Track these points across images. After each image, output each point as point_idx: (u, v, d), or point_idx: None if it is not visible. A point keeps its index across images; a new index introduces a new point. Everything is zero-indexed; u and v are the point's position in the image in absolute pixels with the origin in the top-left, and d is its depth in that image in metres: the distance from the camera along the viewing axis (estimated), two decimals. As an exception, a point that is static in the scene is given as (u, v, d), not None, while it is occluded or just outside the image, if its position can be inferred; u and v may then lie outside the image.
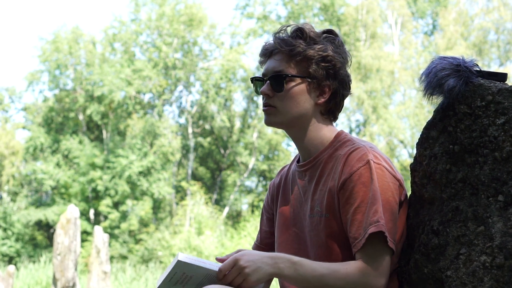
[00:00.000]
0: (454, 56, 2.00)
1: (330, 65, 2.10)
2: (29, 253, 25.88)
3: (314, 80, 2.10)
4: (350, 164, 2.01)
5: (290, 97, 2.10)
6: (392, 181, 2.00)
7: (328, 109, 2.14)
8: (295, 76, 2.09)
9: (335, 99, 2.13)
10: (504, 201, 1.83)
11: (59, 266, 10.69)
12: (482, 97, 1.92)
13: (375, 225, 1.93)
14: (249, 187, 31.76)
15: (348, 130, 30.65)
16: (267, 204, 2.35)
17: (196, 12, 29.75)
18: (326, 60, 2.09)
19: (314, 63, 2.09)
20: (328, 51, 2.10)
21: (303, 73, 2.10)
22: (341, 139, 2.12)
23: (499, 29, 28.94)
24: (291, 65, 2.10)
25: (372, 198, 1.96)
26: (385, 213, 1.95)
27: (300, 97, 2.10)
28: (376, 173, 1.98)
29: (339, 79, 2.12)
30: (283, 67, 2.10)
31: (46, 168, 28.10)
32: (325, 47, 2.10)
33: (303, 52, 2.08)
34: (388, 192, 1.98)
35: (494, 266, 1.81)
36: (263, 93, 2.12)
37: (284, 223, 2.23)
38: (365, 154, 2.01)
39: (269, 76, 2.12)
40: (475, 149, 1.91)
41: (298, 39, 2.10)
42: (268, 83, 2.12)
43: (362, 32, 30.28)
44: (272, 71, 2.12)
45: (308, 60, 2.09)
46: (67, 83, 30.63)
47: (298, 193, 2.19)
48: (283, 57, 2.11)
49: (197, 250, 20.33)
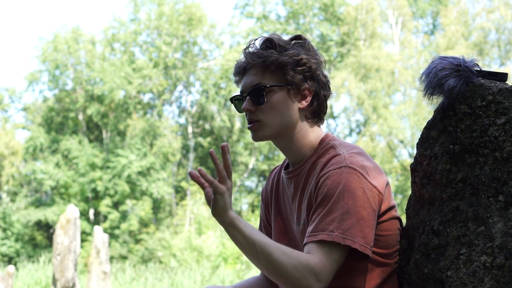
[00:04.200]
0: (455, 56, 2.00)
1: (306, 67, 2.09)
2: (29, 253, 25.89)
3: (293, 86, 2.08)
4: (324, 170, 2.01)
5: (273, 108, 2.08)
6: (369, 188, 1.97)
7: (313, 112, 2.12)
8: (273, 86, 2.07)
9: (318, 101, 2.12)
10: (505, 201, 1.83)
11: (59, 266, 10.68)
12: (483, 97, 1.92)
13: (328, 234, 1.92)
14: (249, 187, 31.80)
15: (348, 130, 30.66)
16: (263, 213, 2.35)
17: (196, 12, 29.76)
18: (300, 63, 2.08)
19: (290, 69, 2.07)
20: (301, 55, 2.08)
21: (281, 81, 2.08)
22: (325, 145, 2.11)
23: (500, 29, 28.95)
24: (267, 76, 2.08)
25: (335, 204, 1.94)
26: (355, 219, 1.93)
27: (283, 106, 2.08)
28: (348, 178, 1.96)
29: (317, 80, 2.11)
30: (259, 80, 2.08)
31: (46, 168, 28.12)
32: (297, 51, 2.09)
33: (276, 61, 2.06)
34: (363, 198, 1.96)
35: (495, 266, 1.80)
36: (245, 109, 2.10)
37: (280, 232, 2.22)
38: (340, 160, 2.00)
39: (248, 92, 2.10)
40: (475, 149, 1.91)
41: (268, 49, 2.09)
42: (248, 99, 2.10)
43: (362, 31, 30.28)
44: (249, 86, 2.10)
45: (282, 67, 2.07)
46: (67, 83, 30.66)
47: (288, 201, 2.19)
48: (258, 70, 2.09)
49: (198, 250, 20.34)
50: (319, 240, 1.92)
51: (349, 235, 1.91)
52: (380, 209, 2.02)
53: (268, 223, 2.33)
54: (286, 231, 2.21)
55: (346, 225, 1.92)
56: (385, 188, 2.04)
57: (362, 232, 1.93)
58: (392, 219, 2.07)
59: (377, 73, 28.33)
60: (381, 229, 2.05)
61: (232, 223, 1.88)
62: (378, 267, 2.06)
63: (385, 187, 2.04)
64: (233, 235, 1.89)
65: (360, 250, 1.92)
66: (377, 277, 2.06)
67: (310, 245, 1.94)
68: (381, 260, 2.07)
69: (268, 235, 2.32)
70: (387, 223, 2.06)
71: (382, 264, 2.07)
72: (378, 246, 2.05)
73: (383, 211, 2.04)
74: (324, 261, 1.91)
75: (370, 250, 1.95)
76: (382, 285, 2.07)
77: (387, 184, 2.06)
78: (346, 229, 1.92)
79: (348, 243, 1.91)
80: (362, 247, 1.92)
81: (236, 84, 2.19)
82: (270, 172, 2.35)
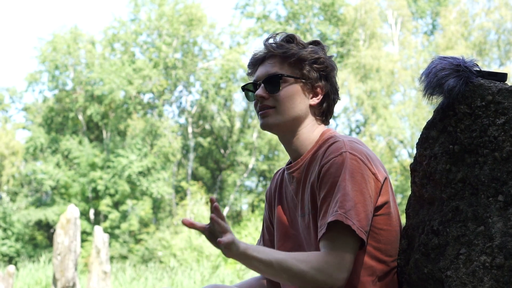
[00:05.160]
0: (454, 56, 2.00)
1: (323, 67, 2.14)
2: (29, 253, 25.88)
3: (308, 81, 2.14)
4: (325, 157, 2.04)
5: (287, 97, 2.12)
6: (368, 174, 2.00)
7: (322, 111, 2.17)
8: (290, 77, 2.12)
9: (328, 101, 2.17)
10: (504, 201, 1.83)
11: (59, 266, 10.68)
12: (482, 97, 1.92)
13: (333, 215, 1.94)
14: (249, 187, 31.77)
15: (348, 130, 30.65)
16: (267, 214, 2.36)
17: (196, 12, 29.74)
18: (318, 62, 2.14)
19: (308, 64, 2.13)
20: (320, 54, 2.15)
21: (297, 74, 2.13)
22: (325, 137, 2.14)
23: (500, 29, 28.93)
24: (285, 67, 2.13)
25: (338, 188, 1.97)
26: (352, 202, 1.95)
27: (296, 98, 2.13)
28: (349, 163, 1.99)
29: (331, 82, 2.17)
30: (277, 69, 2.13)
31: (46, 168, 28.10)
32: (316, 50, 2.15)
33: (297, 54, 2.12)
34: (361, 184, 1.98)
35: (494, 266, 1.80)
36: (258, 96, 2.14)
37: (282, 227, 2.24)
38: (340, 147, 2.03)
39: (263, 79, 2.14)
40: (475, 149, 1.91)
41: (289, 43, 2.15)
42: (263, 86, 2.14)
43: (361, 32, 30.26)
44: (266, 74, 2.14)
45: (301, 61, 2.13)
46: (67, 83, 30.64)
47: (291, 197, 2.20)
48: (277, 60, 2.14)
49: (198, 250, 20.34)
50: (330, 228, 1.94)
51: (349, 216, 1.94)
52: (378, 199, 2.04)
53: (270, 223, 2.34)
54: (289, 229, 2.22)
55: (347, 206, 1.95)
56: (385, 181, 2.05)
57: (358, 216, 1.94)
58: (390, 215, 2.08)
59: (376, 73, 28.32)
60: (380, 222, 2.05)
61: (246, 255, 1.91)
62: (377, 263, 2.06)
63: (384, 178, 2.05)
64: (250, 264, 1.93)
65: (357, 233, 1.93)
66: (376, 274, 2.06)
67: (324, 240, 1.96)
68: (380, 257, 2.07)
69: (270, 236, 2.34)
70: (387, 217, 2.06)
71: (381, 261, 2.07)
72: (378, 241, 2.05)
73: (382, 203, 2.05)
74: (342, 252, 1.94)
75: (365, 235, 1.96)
76: (380, 282, 2.07)
77: (386, 179, 2.06)
78: (348, 209, 1.95)
79: (349, 223, 1.93)
80: (358, 230, 1.94)
81: (248, 75, 2.22)
82: (274, 174, 2.38)
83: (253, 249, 1.92)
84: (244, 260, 1.92)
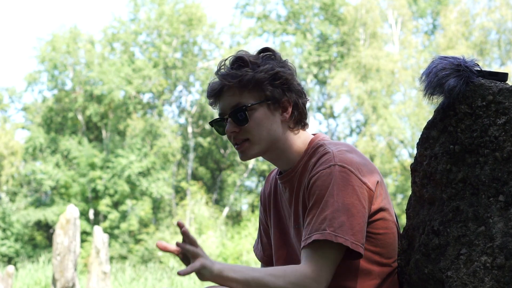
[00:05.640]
0: (455, 56, 2.00)
1: (283, 80, 2.08)
2: (29, 253, 25.89)
3: (273, 101, 2.08)
4: (315, 169, 2.02)
5: (258, 125, 2.07)
6: (358, 185, 1.97)
7: (295, 121, 2.12)
8: (254, 104, 2.07)
9: (298, 110, 2.12)
10: (505, 201, 1.83)
11: (59, 267, 10.68)
12: (483, 97, 1.92)
13: (320, 233, 1.92)
14: (249, 187, 31.81)
15: (348, 130, 30.67)
16: (262, 216, 2.35)
17: (195, 12, 29.77)
18: (277, 77, 2.07)
19: (267, 84, 2.06)
20: (276, 68, 2.08)
21: (260, 98, 2.07)
22: (314, 145, 2.11)
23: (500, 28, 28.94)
24: (245, 95, 2.07)
25: (326, 203, 1.94)
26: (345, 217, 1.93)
27: (267, 121, 2.08)
28: (338, 176, 1.96)
29: (295, 91, 2.11)
30: (238, 100, 2.07)
31: (46, 168, 28.12)
32: (270, 65, 2.08)
33: (253, 79, 2.05)
34: (352, 196, 1.96)
35: (495, 266, 1.80)
36: (230, 132, 2.09)
37: (280, 237, 2.22)
38: (330, 159, 2.00)
39: (229, 113, 2.09)
40: (475, 149, 1.91)
41: (242, 68, 2.08)
42: (230, 121, 2.09)
43: (362, 31, 30.28)
44: (229, 107, 2.09)
45: (260, 84, 2.06)
46: (66, 83, 30.66)
47: (286, 206, 2.19)
48: (235, 90, 2.07)
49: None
50: (313, 241, 1.92)
51: (340, 233, 1.91)
52: (371, 207, 2.02)
53: (267, 225, 2.33)
54: (285, 238, 2.21)
55: (337, 223, 1.92)
56: (376, 186, 2.03)
57: (352, 229, 1.93)
58: (386, 218, 2.07)
59: (377, 73, 28.33)
60: (376, 227, 2.04)
61: (221, 277, 1.87)
62: (377, 267, 2.06)
63: (375, 184, 2.03)
64: (227, 284, 1.89)
65: (352, 248, 1.92)
66: (377, 277, 2.06)
67: (305, 251, 1.95)
68: (380, 260, 2.06)
69: (267, 239, 2.33)
70: (382, 222, 2.05)
71: (381, 264, 2.07)
72: (375, 245, 2.05)
73: (376, 209, 2.03)
74: (320, 264, 1.92)
75: (361, 248, 1.94)
76: (381, 285, 2.07)
77: (378, 183, 2.04)
78: (338, 227, 1.92)
79: (340, 241, 1.91)
80: (353, 244, 1.92)
81: (211, 106, 2.17)
82: (268, 175, 2.35)
83: (229, 269, 1.88)
84: (221, 282, 1.89)
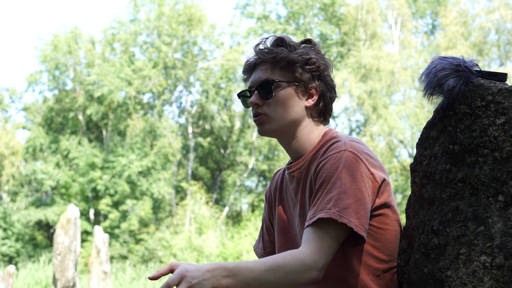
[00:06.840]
0: (454, 56, 2.00)
1: (314, 67, 2.13)
2: (29, 253, 25.88)
3: (301, 84, 2.13)
4: (325, 155, 2.05)
5: (280, 103, 2.12)
6: (366, 174, 2.00)
7: (319, 111, 2.16)
8: (281, 81, 2.12)
9: (324, 101, 2.16)
10: (504, 201, 1.83)
11: (59, 266, 10.68)
12: (482, 97, 1.92)
13: (325, 212, 1.93)
14: (249, 187, 31.77)
15: (348, 130, 30.64)
16: (266, 214, 2.36)
17: (195, 12, 29.74)
18: (309, 62, 2.13)
19: (299, 66, 2.12)
20: (310, 55, 2.13)
21: (289, 78, 2.13)
22: (327, 138, 2.14)
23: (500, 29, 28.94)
24: (276, 72, 2.13)
25: (334, 184, 1.96)
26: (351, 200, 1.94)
27: (290, 102, 2.12)
28: (347, 160, 1.99)
29: (325, 81, 2.16)
30: (268, 75, 2.13)
31: (46, 168, 28.11)
32: (306, 51, 2.14)
33: (286, 58, 2.11)
34: (360, 182, 1.97)
35: (494, 266, 1.80)
36: (253, 103, 2.14)
37: (282, 227, 2.24)
38: (340, 145, 2.03)
39: (256, 86, 2.14)
40: (475, 149, 1.91)
41: (279, 47, 2.14)
42: (256, 93, 2.14)
43: (362, 32, 30.26)
44: (258, 81, 2.14)
45: (292, 64, 2.12)
46: (67, 83, 30.65)
47: (291, 197, 2.20)
48: (267, 66, 2.14)
49: (198, 250, 20.35)
50: (318, 220, 1.93)
51: (345, 214, 1.92)
52: (376, 200, 2.04)
53: (270, 223, 2.34)
54: (287, 229, 2.22)
55: (343, 204, 1.93)
56: (383, 182, 2.05)
57: (358, 213, 1.94)
58: (388, 215, 2.08)
59: (377, 73, 28.32)
60: (378, 221, 2.05)
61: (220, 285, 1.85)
62: (374, 262, 2.06)
63: (382, 180, 2.04)
64: None
65: (355, 230, 1.92)
66: (373, 272, 2.06)
67: (308, 230, 1.95)
68: (378, 255, 2.07)
69: (270, 237, 2.35)
70: (384, 217, 2.07)
71: (378, 260, 2.07)
72: (374, 239, 2.06)
73: (380, 204, 2.05)
74: (321, 243, 1.92)
75: (365, 233, 1.95)
76: (378, 282, 2.07)
77: (385, 180, 2.06)
78: (343, 208, 1.93)
79: (344, 221, 1.91)
80: (357, 227, 1.92)
81: (244, 82, 2.22)
82: (274, 174, 2.37)
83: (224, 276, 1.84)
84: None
